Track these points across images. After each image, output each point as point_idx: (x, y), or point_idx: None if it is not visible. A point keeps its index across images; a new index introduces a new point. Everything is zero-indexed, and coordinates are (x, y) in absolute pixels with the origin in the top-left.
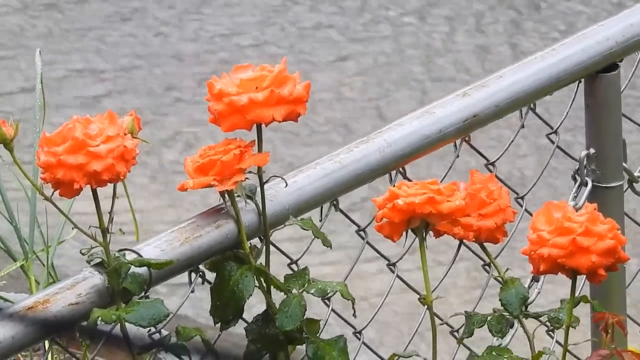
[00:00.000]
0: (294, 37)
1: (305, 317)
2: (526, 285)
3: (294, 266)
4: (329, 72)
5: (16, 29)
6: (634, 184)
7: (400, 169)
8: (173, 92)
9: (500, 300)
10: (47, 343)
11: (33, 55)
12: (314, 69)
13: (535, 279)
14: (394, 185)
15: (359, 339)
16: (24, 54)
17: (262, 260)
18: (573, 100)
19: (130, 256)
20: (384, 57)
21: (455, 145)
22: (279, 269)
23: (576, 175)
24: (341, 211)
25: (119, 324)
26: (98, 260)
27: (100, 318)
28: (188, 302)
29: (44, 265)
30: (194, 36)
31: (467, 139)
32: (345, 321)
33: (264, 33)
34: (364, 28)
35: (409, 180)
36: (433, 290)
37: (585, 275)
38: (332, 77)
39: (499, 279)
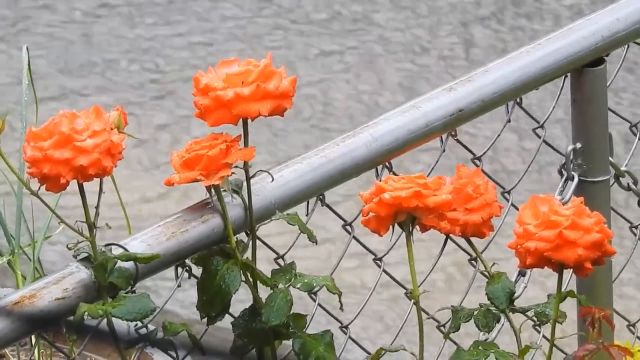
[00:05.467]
0: (280, 31)
1: (291, 312)
2: (512, 280)
3: (280, 261)
4: (314, 67)
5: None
6: (620, 178)
7: (387, 163)
8: (158, 85)
9: (486, 294)
10: (33, 338)
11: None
12: (299, 64)
13: (521, 273)
14: (380, 180)
15: (346, 334)
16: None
17: (248, 254)
18: (559, 95)
19: (116, 251)
20: (368, 51)
21: (441, 140)
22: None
23: (562, 170)
24: (327, 206)
25: (106, 319)
26: (84, 255)
27: (86, 313)
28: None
29: (30, 260)
30: (180, 30)
31: (453, 133)
32: (332, 316)
33: (249, 27)
34: (350, 22)
35: (395, 174)
36: (420, 285)
37: (571, 269)
38: (318, 72)
39: (486, 273)
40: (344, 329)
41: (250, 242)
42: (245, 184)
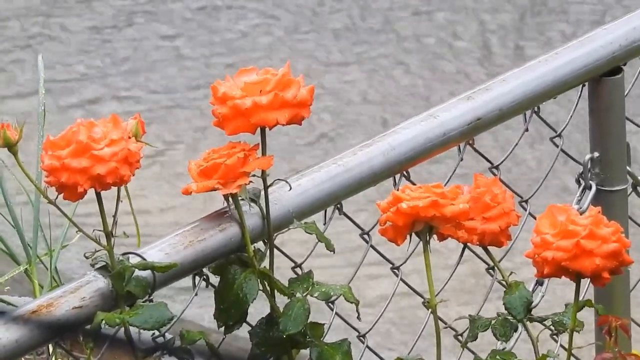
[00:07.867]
0: (296, 40)
1: (309, 321)
2: (530, 289)
3: (298, 270)
4: (331, 75)
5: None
6: (638, 187)
7: (404, 172)
8: (176, 94)
9: (504, 304)
10: (50, 347)
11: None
12: (317, 72)
13: (539, 283)
14: (397, 189)
15: (363, 343)
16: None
17: (266, 263)
18: (577, 104)
19: (134, 259)
20: (386, 60)
21: (459, 149)
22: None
23: (580, 179)
24: (345, 214)
25: (123, 328)
26: (102, 263)
27: (104, 321)
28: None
29: (47, 269)
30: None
31: (470, 142)
32: (350, 325)
33: (266, 35)
34: (367, 31)
35: (413, 183)
36: (437, 294)
37: (589, 279)
38: (335, 80)
39: (503, 282)
40: (361, 337)
41: (268, 251)
42: (263, 192)
